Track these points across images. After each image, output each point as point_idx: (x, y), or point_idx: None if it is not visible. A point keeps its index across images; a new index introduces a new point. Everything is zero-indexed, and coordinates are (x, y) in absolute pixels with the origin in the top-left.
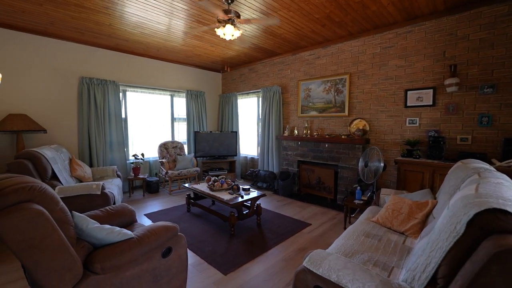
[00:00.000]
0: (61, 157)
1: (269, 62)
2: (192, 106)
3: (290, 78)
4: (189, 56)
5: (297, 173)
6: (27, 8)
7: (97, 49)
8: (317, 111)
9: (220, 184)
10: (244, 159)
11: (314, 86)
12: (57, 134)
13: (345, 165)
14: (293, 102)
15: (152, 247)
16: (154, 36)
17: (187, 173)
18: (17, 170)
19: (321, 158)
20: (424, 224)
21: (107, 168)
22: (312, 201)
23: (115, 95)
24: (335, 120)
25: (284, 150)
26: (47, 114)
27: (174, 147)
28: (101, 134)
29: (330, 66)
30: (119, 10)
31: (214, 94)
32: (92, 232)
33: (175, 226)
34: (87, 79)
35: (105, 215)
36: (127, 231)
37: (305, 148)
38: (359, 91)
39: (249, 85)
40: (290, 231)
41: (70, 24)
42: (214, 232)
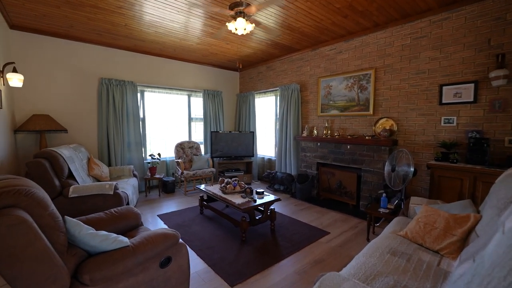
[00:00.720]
0: (79, 157)
1: (287, 59)
2: (209, 105)
3: (310, 75)
4: (205, 55)
5: (316, 176)
6: (47, 11)
7: (116, 50)
8: (339, 109)
9: (233, 187)
10: (261, 160)
11: (336, 83)
12: (77, 134)
13: (369, 168)
14: (312, 100)
15: (149, 256)
16: (169, 35)
17: (202, 174)
18: (35, 169)
19: (343, 160)
20: (464, 243)
21: (124, 168)
22: (332, 206)
23: (133, 96)
24: (358, 120)
25: (302, 152)
26: (68, 114)
27: (191, 147)
28: (119, 134)
29: (353, 61)
30: (132, 10)
31: (231, 93)
32: (85, 239)
33: (175, 234)
34: (106, 80)
35: (109, 218)
36: (123, 238)
37: (325, 149)
38: (386, 87)
39: (267, 84)
40: (306, 240)
41: (88, 26)
42: (225, 237)
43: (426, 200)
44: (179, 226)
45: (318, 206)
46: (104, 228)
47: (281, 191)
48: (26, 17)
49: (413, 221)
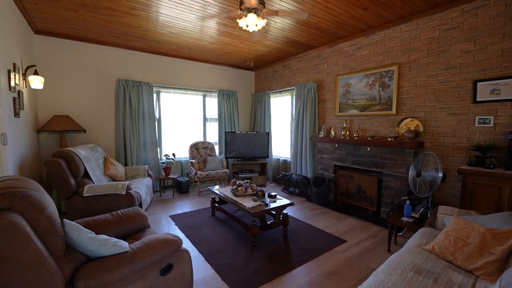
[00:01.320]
0: (96, 156)
1: (304, 56)
2: (224, 106)
3: (327, 73)
4: (220, 54)
5: (333, 179)
6: (66, 15)
7: (133, 52)
8: (358, 109)
9: (244, 189)
10: (277, 162)
11: (355, 81)
12: (96, 134)
13: (392, 172)
14: (330, 99)
15: (148, 263)
16: (183, 35)
17: (216, 175)
18: (52, 168)
19: (362, 163)
20: (505, 264)
21: (139, 167)
22: (350, 212)
23: (149, 96)
24: (379, 120)
25: (319, 153)
26: (87, 115)
27: (205, 147)
28: (135, 134)
29: (374, 57)
30: (146, 10)
31: (247, 93)
32: (83, 243)
33: (177, 240)
34: (123, 81)
35: (115, 220)
36: (123, 243)
37: (343, 151)
38: (411, 84)
39: (283, 83)
40: (320, 248)
41: (105, 29)
42: (236, 241)
43: (456, 210)
44: (189, 227)
45: (335, 211)
46: (110, 230)
47: (296, 194)
48: (48, 22)
49: (442, 234)
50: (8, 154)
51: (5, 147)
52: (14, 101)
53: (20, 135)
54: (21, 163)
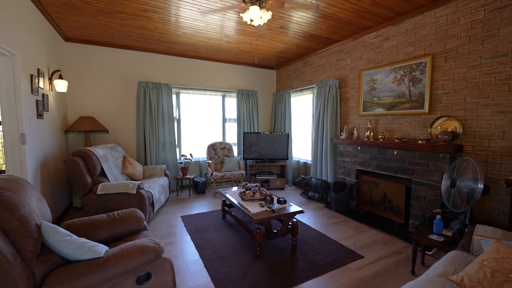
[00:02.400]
0: (114, 155)
1: (325, 52)
2: (243, 106)
3: (350, 69)
4: (238, 54)
5: (355, 185)
6: (88, 22)
7: (153, 55)
8: (384, 107)
9: (252, 193)
10: (297, 164)
11: (381, 76)
12: (118, 134)
13: (422, 180)
14: (353, 97)
15: (121, 271)
16: (197, 35)
17: (231, 176)
18: (70, 166)
19: (388, 168)
20: None
21: (156, 167)
22: (373, 223)
23: (168, 97)
24: (409, 119)
25: (340, 156)
26: (110, 116)
27: (223, 148)
28: (155, 134)
29: (403, 48)
30: (156, 12)
31: (267, 93)
32: (57, 246)
33: (156, 248)
34: (143, 83)
35: (109, 220)
36: (99, 248)
37: (366, 154)
38: (447, 77)
39: (304, 81)
40: (331, 263)
41: (125, 33)
42: (240, 248)
43: (500, 232)
44: (197, 230)
45: (356, 221)
46: (103, 231)
47: (315, 200)
48: (73, 29)
49: (476, 263)
50: (27, 153)
51: (24, 146)
52: (37, 103)
53: (43, 135)
54: (44, 160)
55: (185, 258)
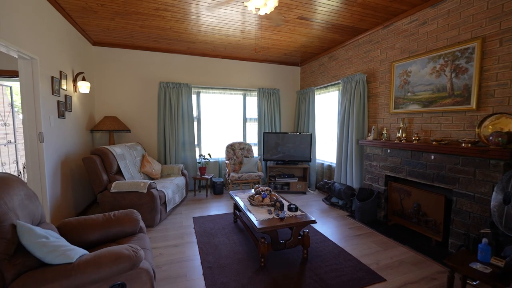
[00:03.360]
0: (133, 154)
1: (352, 44)
2: (264, 105)
3: (380, 61)
4: (257, 50)
5: (384, 193)
6: (108, 25)
7: (174, 55)
8: (420, 104)
9: (261, 198)
10: (320, 167)
11: (416, 68)
12: (139, 133)
13: (467, 192)
14: (383, 93)
15: (90, 280)
16: (212, 32)
17: (248, 178)
18: (87, 164)
19: (423, 176)
20: None
21: (174, 166)
22: (403, 238)
23: (188, 97)
24: (450, 117)
25: (367, 160)
26: (132, 116)
27: (242, 148)
28: (174, 134)
29: (444, 32)
30: (168, 9)
31: (291, 91)
32: (30, 248)
33: (132, 256)
34: (164, 83)
35: (104, 222)
36: (74, 252)
37: (397, 158)
38: (503, 65)
39: (329, 77)
40: (345, 284)
41: (144, 34)
42: (244, 257)
43: None
44: (205, 233)
45: (382, 234)
46: (95, 231)
47: (339, 207)
48: (98, 33)
49: None
50: (45, 150)
51: (42, 144)
52: (58, 104)
53: (65, 134)
54: (65, 157)
55: (186, 263)
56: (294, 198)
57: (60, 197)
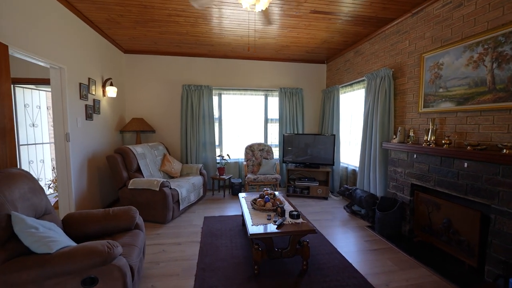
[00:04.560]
0: (154, 153)
1: (378, 36)
2: (285, 105)
3: (408, 53)
4: (277, 49)
5: (409, 204)
6: (132, 34)
7: (195, 58)
8: (454, 101)
9: (263, 202)
10: (344, 171)
11: (449, 59)
12: (163, 133)
13: (509, 209)
14: (411, 89)
15: (62, 271)
16: (227, 33)
17: (265, 180)
18: (110, 161)
19: (455, 186)
20: None
21: (193, 166)
22: (429, 258)
23: (208, 99)
24: (490, 117)
25: (391, 165)
26: (157, 117)
27: (261, 149)
28: (195, 134)
29: (484, 14)
30: (180, 15)
31: (316, 90)
32: (20, 236)
33: (104, 252)
34: (186, 86)
35: (102, 216)
36: (57, 243)
37: (424, 165)
38: None
39: (354, 73)
40: None
41: (164, 40)
42: (241, 261)
43: None
44: (211, 234)
45: (403, 251)
46: (93, 225)
47: (360, 216)
48: (125, 41)
49: None
50: (71, 149)
51: (69, 144)
52: (86, 107)
53: (92, 134)
54: (92, 155)
55: (183, 262)
56: (313, 204)
57: (86, 191)
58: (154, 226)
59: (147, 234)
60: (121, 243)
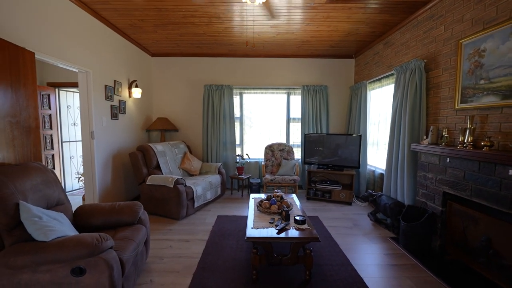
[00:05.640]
0: (174, 152)
1: (410, 23)
2: (308, 103)
3: (444, 40)
4: (298, 45)
5: (440, 215)
6: (154, 37)
7: (217, 58)
8: (498, 95)
9: (269, 205)
10: (371, 174)
11: (493, 43)
12: (186, 132)
13: None
14: (446, 83)
15: (53, 259)
16: (242, 31)
17: (282, 181)
18: (132, 158)
19: (496, 198)
20: None
21: (212, 164)
22: (462, 282)
23: (229, 98)
24: None
25: (421, 170)
26: (181, 117)
27: (281, 150)
28: (216, 133)
29: None
30: (193, 16)
31: (343, 86)
32: (25, 224)
33: (91, 244)
34: (208, 86)
35: (108, 210)
36: (53, 233)
37: (458, 171)
38: None
39: (383, 67)
40: None
41: (185, 42)
42: (243, 264)
43: None
44: (219, 233)
45: (430, 271)
46: (99, 217)
47: (385, 226)
48: (151, 45)
49: None
50: (96, 145)
51: (93, 141)
52: (111, 107)
53: (117, 132)
54: (117, 152)
55: (186, 259)
56: (333, 209)
57: (110, 185)
58: (168, 222)
59: (160, 229)
60: (121, 236)
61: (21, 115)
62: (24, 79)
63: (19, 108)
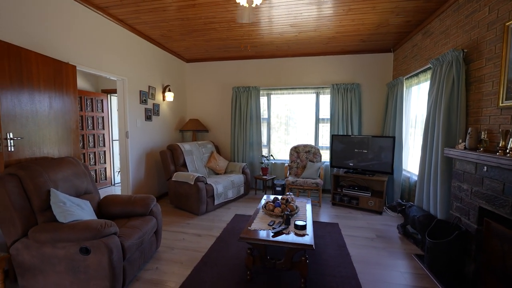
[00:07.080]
0: (201, 151)
1: (450, 8)
2: (338, 103)
3: (488, 24)
4: (324, 42)
5: (475, 235)
6: (185, 45)
7: (244, 61)
8: None
9: (273, 207)
10: (406, 181)
11: None
12: (216, 133)
13: None
14: (490, 75)
15: (65, 238)
16: (263, 32)
17: (304, 184)
18: (161, 156)
19: None
20: None
21: (236, 164)
22: None
23: (256, 99)
24: None
25: (456, 179)
26: (211, 118)
27: (307, 151)
28: (242, 134)
29: None
30: (213, 22)
31: (379, 84)
32: (52, 207)
33: (95, 228)
34: (236, 88)
35: (125, 200)
36: (71, 217)
37: (497, 182)
38: None
39: (421, 60)
40: None
41: (212, 47)
42: (243, 264)
43: None
44: (231, 231)
45: None
46: (117, 206)
47: (413, 240)
48: (184, 52)
49: None
50: (130, 144)
51: (128, 140)
52: (145, 110)
53: (151, 133)
54: (151, 150)
55: (193, 252)
56: (359, 217)
57: (143, 180)
58: (188, 216)
59: (180, 222)
60: (130, 225)
61: (64, 118)
62: (66, 88)
63: (63, 113)
